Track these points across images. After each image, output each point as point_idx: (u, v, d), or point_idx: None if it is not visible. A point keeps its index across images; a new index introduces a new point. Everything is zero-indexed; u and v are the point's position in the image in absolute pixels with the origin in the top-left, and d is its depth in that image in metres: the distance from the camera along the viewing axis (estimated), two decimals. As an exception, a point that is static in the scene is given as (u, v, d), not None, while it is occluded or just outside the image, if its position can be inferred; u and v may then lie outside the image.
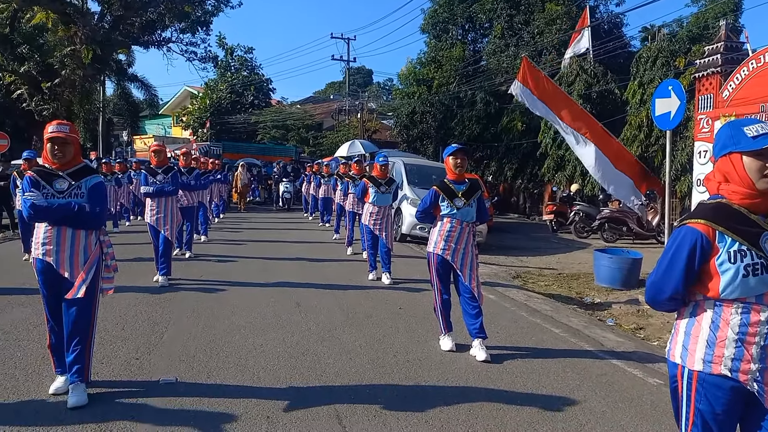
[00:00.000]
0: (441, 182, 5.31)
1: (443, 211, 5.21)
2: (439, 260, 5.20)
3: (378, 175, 8.73)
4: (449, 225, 5.18)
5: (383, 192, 8.62)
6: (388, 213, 8.70)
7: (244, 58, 40.30)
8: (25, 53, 23.95)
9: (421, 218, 5.49)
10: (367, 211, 8.66)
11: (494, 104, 24.41)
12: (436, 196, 5.24)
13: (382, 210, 8.58)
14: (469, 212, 5.24)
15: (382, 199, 8.61)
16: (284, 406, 3.93)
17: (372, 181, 8.66)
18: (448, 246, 5.16)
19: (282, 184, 22.84)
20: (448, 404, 4.06)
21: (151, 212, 7.83)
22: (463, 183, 5.27)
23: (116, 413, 3.72)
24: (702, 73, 13.60)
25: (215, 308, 6.52)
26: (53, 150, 3.85)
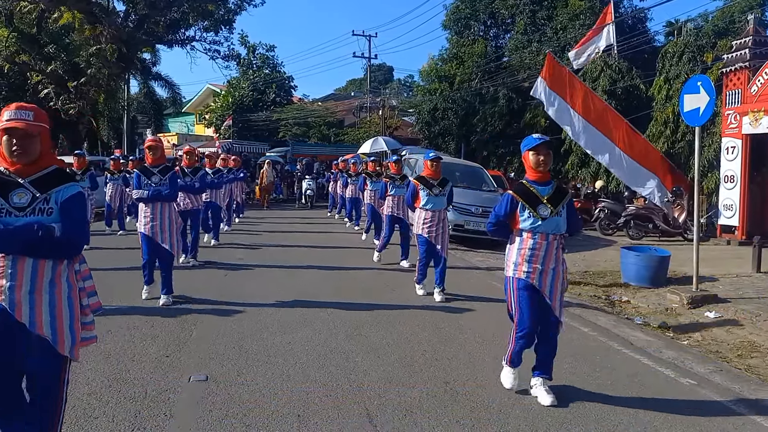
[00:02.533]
0: (519, 185, 4.25)
1: (524, 223, 4.14)
2: (523, 285, 4.13)
3: (429, 174, 7.43)
4: (532, 241, 4.13)
5: (437, 194, 7.35)
6: (444, 218, 7.44)
7: (266, 56, 40.60)
8: (52, 53, 24.28)
9: (493, 232, 4.39)
10: (420, 217, 7.35)
11: (517, 100, 24.27)
12: (513, 204, 4.18)
13: (436, 215, 7.30)
14: (558, 223, 4.16)
15: (436, 203, 7.34)
16: (315, 404, 3.94)
17: (423, 183, 7.38)
18: (533, 268, 4.11)
19: (305, 181, 22.54)
20: (479, 403, 4.05)
21: (145, 219, 6.54)
22: (548, 184, 4.20)
23: (149, 411, 3.76)
24: (729, 68, 13.42)
25: (241, 307, 6.55)
26: (10, 146, 2.69)
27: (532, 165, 4.19)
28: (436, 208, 7.32)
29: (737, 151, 13.12)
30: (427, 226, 7.26)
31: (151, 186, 6.58)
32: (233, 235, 12.70)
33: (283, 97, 39.39)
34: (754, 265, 9.65)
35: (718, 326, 6.72)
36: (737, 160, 13.12)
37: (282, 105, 38.41)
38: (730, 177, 13.31)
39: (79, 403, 3.82)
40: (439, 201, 7.37)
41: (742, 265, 10.01)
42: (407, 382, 4.41)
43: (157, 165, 6.74)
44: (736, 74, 13.29)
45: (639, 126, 14.35)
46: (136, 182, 6.68)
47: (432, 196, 7.31)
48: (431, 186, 7.36)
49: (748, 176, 13.05)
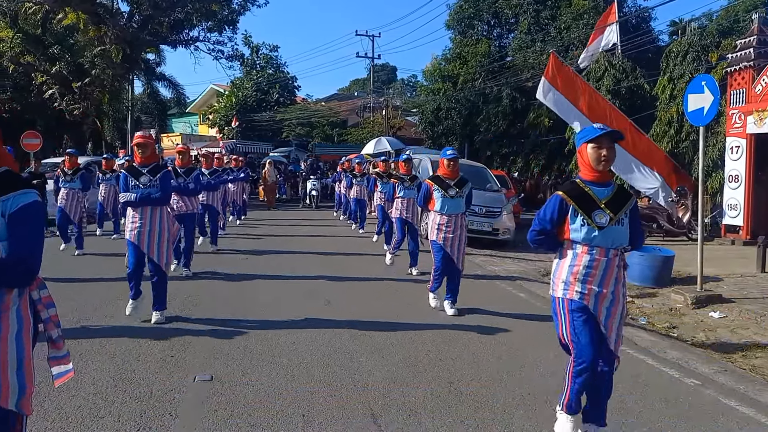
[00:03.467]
0: (570, 185, 3.49)
1: (576, 234, 3.36)
2: (577, 307, 3.39)
3: (446, 174, 6.57)
4: (588, 257, 3.35)
5: (453, 196, 6.48)
6: (462, 224, 6.56)
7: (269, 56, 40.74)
8: (57, 53, 24.38)
9: (537, 243, 3.60)
10: (434, 222, 6.52)
11: (520, 100, 24.27)
12: (563, 208, 3.40)
13: (453, 220, 6.45)
14: (619, 234, 3.37)
15: (452, 206, 6.48)
16: (319, 404, 3.95)
17: (437, 183, 6.53)
18: (587, 290, 3.36)
19: (309, 181, 22.05)
20: (483, 404, 4.06)
21: (132, 224, 5.79)
22: (608, 186, 3.42)
23: (154, 410, 3.78)
24: (734, 68, 13.40)
25: (246, 306, 6.58)
26: None
27: (590, 161, 3.37)
28: (452, 212, 6.46)
29: (741, 150, 13.09)
30: (442, 232, 6.41)
31: (139, 188, 5.80)
32: (232, 239, 12.06)
33: (286, 98, 39.46)
34: (759, 265, 9.63)
35: (722, 326, 6.72)
36: (741, 160, 13.10)
37: (285, 105, 38.50)
38: (734, 176, 13.29)
39: (84, 403, 3.84)
40: (456, 204, 6.50)
41: (747, 265, 9.99)
42: (411, 382, 4.42)
43: (146, 164, 5.91)
44: (740, 74, 13.27)
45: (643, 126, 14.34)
46: (123, 184, 5.92)
47: (448, 198, 6.46)
48: (447, 187, 6.50)
49: (752, 176, 13.03)
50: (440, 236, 6.41)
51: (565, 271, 3.43)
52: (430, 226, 6.59)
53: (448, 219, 6.42)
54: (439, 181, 6.55)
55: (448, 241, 6.41)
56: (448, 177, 6.56)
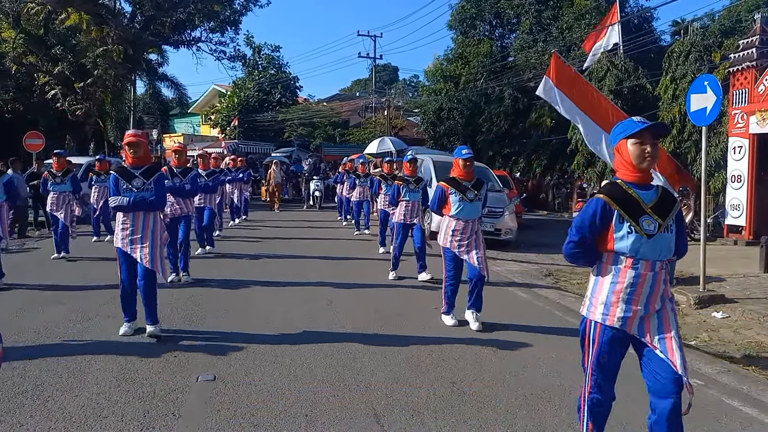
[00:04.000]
0: (612, 187, 2.99)
1: (621, 243, 2.87)
2: (610, 339, 2.95)
3: (461, 175, 6.04)
4: (632, 272, 2.88)
5: (472, 200, 5.98)
6: (478, 229, 6.06)
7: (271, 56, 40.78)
8: (59, 54, 24.43)
9: (574, 257, 3.06)
10: (447, 227, 6.00)
11: (522, 100, 24.27)
12: (606, 213, 2.90)
13: (469, 225, 5.95)
14: (667, 242, 2.92)
15: (470, 210, 5.98)
16: (322, 404, 3.96)
17: (453, 186, 6.00)
18: (632, 312, 2.89)
19: (313, 182, 21.76)
20: (486, 404, 4.05)
21: (123, 231, 5.30)
22: (651, 188, 2.96)
23: (158, 410, 3.78)
24: (736, 68, 13.38)
25: (248, 306, 6.59)
26: None
27: (632, 159, 2.91)
28: (469, 216, 5.95)
29: (744, 150, 13.08)
30: (456, 239, 5.91)
31: (132, 192, 5.33)
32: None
33: (288, 98, 39.51)
34: (762, 265, 9.62)
35: (725, 327, 6.71)
36: (744, 160, 13.08)
37: (287, 105, 38.54)
38: (737, 177, 13.27)
39: (88, 403, 3.85)
40: (474, 208, 5.99)
41: (750, 265, 9.98)
42: (414, 382, 4.41)
43: (139, 166, 5.45)
44: (743, 73, 13.26)
45: (645, 126, 14.31)
46: (113, 187, 5.37)
47: (466, 202, 5.94)
48: (464, 190, 5.97)
49: (755, 176, 13.02)
50: (454, 243, 5.92)
51: (605, 290, 2.94)
52: (444, 231, 6.02)
53: (464, 225, 5.91)
54: (456, 184, 5.99)
55: (462, 248, 5.90)
56: (465, 179, 6.02)
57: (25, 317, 5.89)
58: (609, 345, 2.95)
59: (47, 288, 7.21)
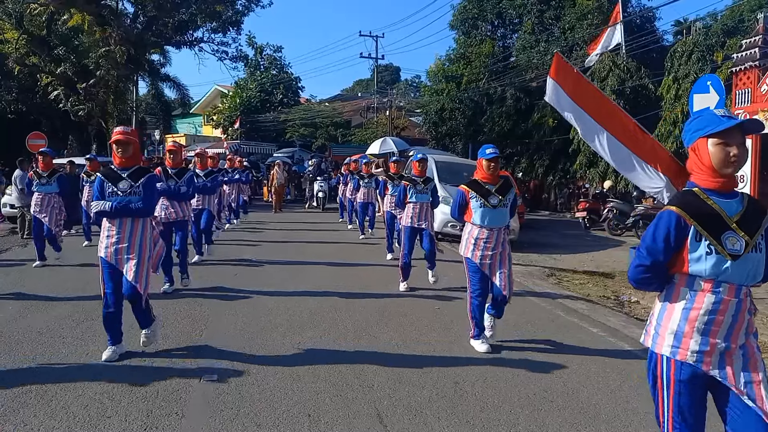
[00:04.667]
0: (686, 196, 2.45)
1: (698, 265, 2.35)
2: (689, 376, 2.41)
3: (485, 178, 5.31)
4: (712, 297, 2.36)
5: (496, 206, 5.22)
6: (505, 239, 5.35)
7: (273, 57, 40.87)
8: (62, 55, 24.49)
9: (643, 282, 2.52)
10: (470, 236, 5.28)
11: (524, 100, 24.25)
12: (681, 230, 2.37)
13: (494, 234, 5.22)
14: (756, 264, 2.38)
15: (494, 218, 5.23)
16: (325, 404, 3.96)
17: (475, 189, 5.28)
18: (710, 345, 2.38)
19: (316, 182, 21.24)
20: (488, 404, 4.05)
21: (108, 239, 4.70)
22: (735, 195, 2.44)
23: (161, 410, 3.79)
24: (739, 68, 13.35)
25: (251, 307, 6.59)
26: None
27: (713, 162, 2.39)
28: (494, 224, 5.21)
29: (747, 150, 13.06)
30: (480, 249, 5.19)
31: (117, 195, 4.71)
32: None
33: (290, 98, 39.59)
34: (765, 266, 9.59)
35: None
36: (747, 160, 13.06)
37: (289, 106, 38.60)
38: (740, 176, 13.24)
39: (91, 403, 3.86)
40: (500, 215, 5.25)
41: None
42: (417, 382, 4.42)
43: (127, 167, 4.85)
44: (745, 73, 13.23)
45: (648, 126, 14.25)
46: (97, 190, 4.79)
47: (489, 209, 5.20)
48: (486, 194, 5.24)
49: (758, 176, 12.99)
50: (477, 254, 5.20)
51: (677, 318, 2.41)
52: (465, 239, 5.33)
53: (488, 233, 5.18)
54: (477, 187, 5.28)
55: (486, 260, 5.19)
56: (488, 181, 5.29)
57: (28, 317, 5.90)
58: (689, 385, 2.40)
59: (48, 288, 7.22)
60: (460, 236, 5.49)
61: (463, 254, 5.34)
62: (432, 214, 7.98)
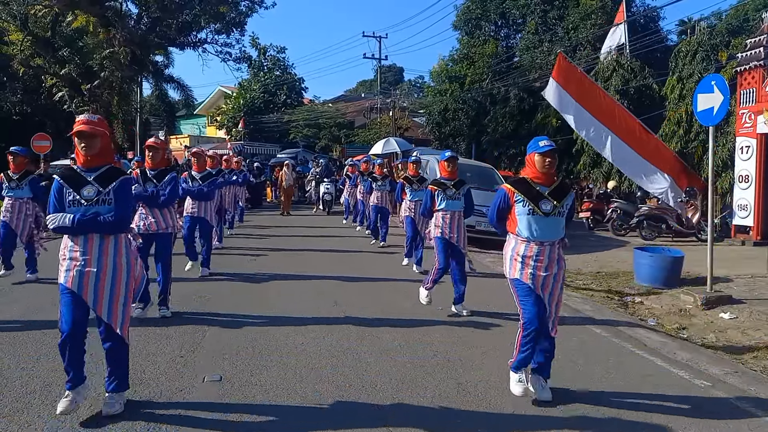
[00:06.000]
0: None
1: None
2: None
3: (537, 177, 4.15)
4: None
5: (549, 214, 4.08)
6: (559, 257, 4.19)
7: (276, 58, 40.89)
8: (66, 56, 24.57)
9: None
10: (515, 252, 4.17)
11: (528, 101, 24.23)
12: None
13: (546, 250, 4.10)
14: None
15: (547, 229, 4.11)
16: (328, 405, 3.96)
17: (522, 190, 4.16)
18: None
19: (323, 184, 19.76)
20: (491, 405, 4.05)
21: (70, 262, 3.67)
22: None
23: (164, 410, 3.80)
24: (744, 67, 13.32)
25: (254, 307, 6.60)
26: None
27: None
28: (545, 237, 4.07)
29: (752, 150, 13.01)
30: (530, 267, 4.07)
31: (80, 205, 3.67)
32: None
33: (293, 99, 39.62)
34: (770, 266, 9.56)
35: (733, 327, 6.68)
36: (752, 160, 13.02)
37: (293, 106, 38.63)
38: (744, 177, 13.21)
39: (95, 403, 3.86)
40: (553, 225, 4.10)
41: (757, 266, 9.92)
42: (420, 383, 4.41)
43: (94, 167, 3.76)
44: (750, 73, 13.19)
45: (652, 126, 14.28)
46: (54, 198, 3.72)
47: (540, 218, 4.06)
48: (537, 198, 4.07)
49: (763, 176, 12.95)
50: (526, 272, 4.08)
51: None
52: (509, 256, 4.24)
53: (539, 248, 4.07)
54: (525, 188, 4.14)
55: (539, 281, 4.06)
56: (541, 181, 4.13)
57: (31, 317, 5.92)
58: None
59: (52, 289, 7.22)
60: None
61: (509, 276, 4.25)
62: (464, 226, 6.74)
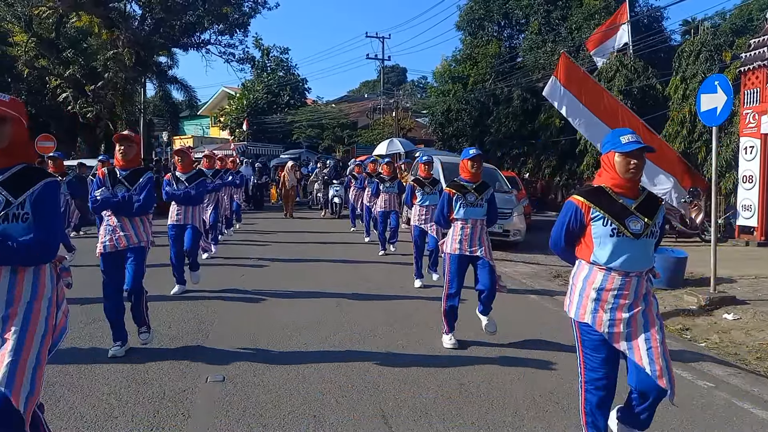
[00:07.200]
0: None
1: None
2: None
3: (619, 186, 3.08)
4: None
5: (638, 235, 3.01)
6: (648, 292, 3.12)
7: (280, 58, 40.95)
8: (70, 57, 24.64)
9: None
10: (586, 284, 3.13)
11: (531, 101, 24.19)
12: None
13: (631, 283, 3.04)
14: None
15: (633, 254, 3.04)
16: (330, 404, 3.97)
17: (600, 204, 3.06)
18: None
19: (332, 186, 18.71)
20: (494, 405, 4.05)
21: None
22: None
23: (168, 410, 3.81)
24: (748, 67, 13.29)
25: (256, 308, 6.62)
26: None
27: None
28: (635, 267, 3.04)
29: (756, 150, 12.98)
30: (607, 309, 3.04)
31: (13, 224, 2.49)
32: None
33: (297, 100, 39.67)
34: (773, 266, 9.53)
35: (736, 328, 6.66)
36: (756, 160, 12.98)
37: (296, 107, 38.68)
38: (748, 177, 13.17)
39: (99, 403, 3.88)
40: (644, 250, 3.08)
41: (761, 267, 9.90)
42: (422, 383, 4.42)
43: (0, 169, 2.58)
44: (754, 73, 13.16)
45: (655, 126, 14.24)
46: None
47: (627, 240, 3.01)
48: (624, 215, 3.03)
49: (767, 176, 12.92)
50: (601, 316, 3.05)
51: None
52: (577, 291, 3.17)
53: (622, 281, 3.01)
54: (604, 201, 3.06)
55: (618, 329, 3.03)
56: (624, 192, 3.07)
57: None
58: None
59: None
60: None
61: (574, 315, 3.20)
62: (488, 236, 5.57)
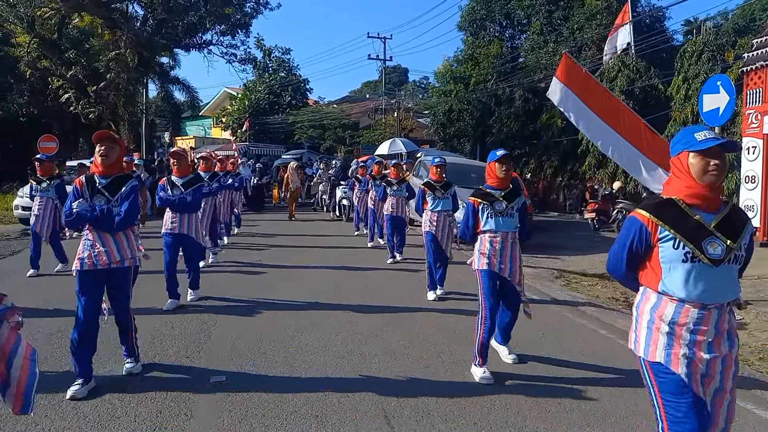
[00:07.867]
0: None
1: None
2: None
3: (693, 195, 2.54)
4: None
5: (721, 260, 2.47)
6: (730, 319, 2.61)
7: (281, 59, 40.97)
8: (72, 58, 24.65)
9: None
10: (655, 314, 2.56)
11: (533, 101, 24.19)
12: None
13: (712, 317, 2.50)
14: None
15: (714, 284, 2.48)
16: (333, 404, 3.97)
17: (670, 221, 2.51)
18: None
19: (340, 188, 17.93)
20: (496, 405, 4.05)
21: None
22: None
23: (170, 410, 3.82)
24: (750, 67, 13.26)
25: (258, 308, 6.62)
26: None
27: None
28: (714, 298, 2.50)
29: (758, 151, 12.96)
30: (683, 345, 2.51)
31: None
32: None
33: (298, 100, 39.71)
34: (776, 267, 9.51)
35: (738, 329, 6.64)
36: (758, 160, 12.96)
37: (297, 108, 38.71)
38: (751, 177, 13.15)
39: (101, 403, 3.89)
40: (726, 278, 2.54)
41: (764, 267, 9.87)
42: (424, 383, 4.42)
43: None
44: (757, 73, 13.13)
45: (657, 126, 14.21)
46: None
47: (705, 267, 2.48)
48: (701, 236, 2.50)
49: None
50: (677, 353, 2.53)
51: None
52: (648, 321, 2.62)
53: (699, 314, 2.50)
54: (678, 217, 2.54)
55: (697, 369, 2.52)
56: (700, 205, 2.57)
57: (35, 318, 5.95)
58: None
59: (59, 291, 7.27)
60: None
61: (643, 354, 2.65)
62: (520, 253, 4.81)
